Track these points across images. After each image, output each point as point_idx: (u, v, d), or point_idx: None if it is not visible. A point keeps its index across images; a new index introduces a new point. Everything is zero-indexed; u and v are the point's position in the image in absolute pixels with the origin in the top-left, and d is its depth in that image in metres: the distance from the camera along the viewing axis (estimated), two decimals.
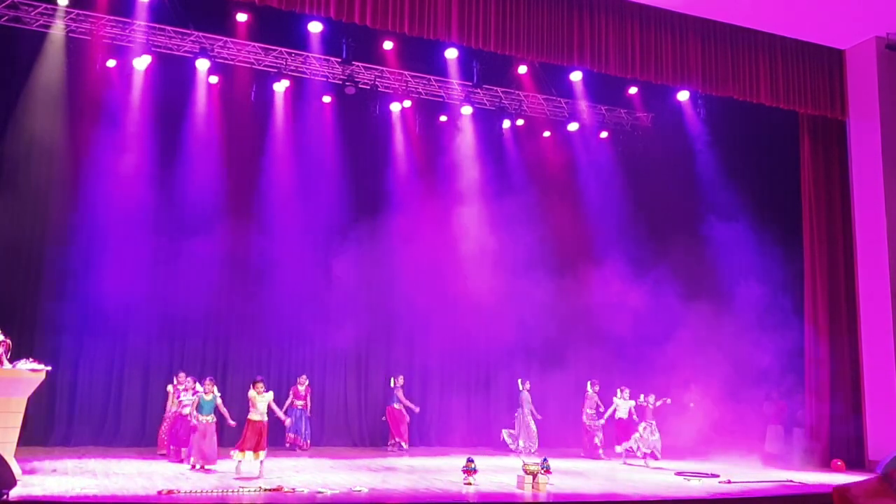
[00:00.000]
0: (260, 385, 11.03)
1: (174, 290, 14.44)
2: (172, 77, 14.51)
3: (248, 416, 10.85)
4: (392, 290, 15.74)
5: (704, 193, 17.39)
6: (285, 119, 15.58)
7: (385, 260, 15.68)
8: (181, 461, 11.50)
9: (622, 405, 14.29)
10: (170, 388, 13.00)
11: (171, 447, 12.08)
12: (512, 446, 15.08)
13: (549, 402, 15.98)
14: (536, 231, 16.59)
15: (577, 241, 16.92)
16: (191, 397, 11.72)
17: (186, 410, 11.73)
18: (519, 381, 15.51)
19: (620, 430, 14.21)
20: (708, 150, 16.68)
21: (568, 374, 16.11)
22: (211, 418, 11.24)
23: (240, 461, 10.55)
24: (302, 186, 15.65)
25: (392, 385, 14.98)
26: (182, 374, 12.88)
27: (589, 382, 15.15)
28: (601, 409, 14.81)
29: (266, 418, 10.87)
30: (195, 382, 11.95)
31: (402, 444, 14.65)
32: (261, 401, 10.86)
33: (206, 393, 11.33)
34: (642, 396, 14.13)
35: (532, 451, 14.74)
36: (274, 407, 11.17)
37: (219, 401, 11.42)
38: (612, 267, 16.50)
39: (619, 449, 14.13)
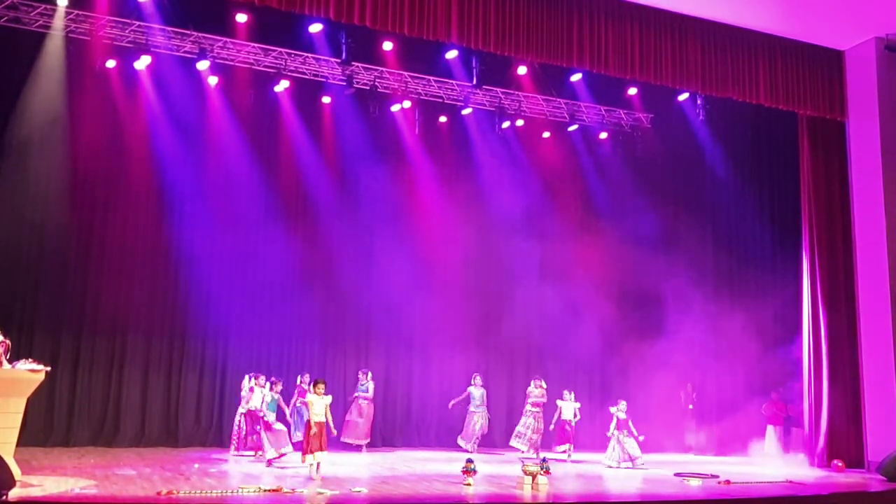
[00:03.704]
0: (321, 387, 10.83)
1: (174, 290, 14.47)
2: (172, 78, 14.51)
3: (308, 419, 10.83)
4: (392, 291, 15.74)
5: (704, 193, 17.44)
6: (285, 120, 15.58)
7: (383, 260, 15.71)
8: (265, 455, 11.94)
9: (566, 407, 14.28)
10: (252, 385, 12.83)
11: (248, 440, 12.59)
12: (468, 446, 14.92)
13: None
14: (536, 232, 16.61)
15: (576, 241, 16.91)
16: (266, 394, 12.46)
17: (257, 406, 12.37)
18: (473, 376, 15.37)
19: (562, 431, 14.17)
20: (707, 150, 16.71)
21: (568, 374, 16.12)
22: (272, 416, 12.31)
23: (311, 465, 10.49)
24: (302, 186, 15.67)
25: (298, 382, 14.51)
26: (262, 377, 12.90)
27: (532, 381, 14.88)
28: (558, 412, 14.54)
29: (324, 419, 10.67)
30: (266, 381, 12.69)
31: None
32: (319, 404, 10.71)
33: (274, 391, 12.40)
34: (614, 408, 13.76)
35: (472, 449, 14.67)
36: (328, 413, 10.78)
37: (281, 401, 12.69)
38: (611, 267, 16.52)
39: (558, 449, 14.09)
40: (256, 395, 12.42)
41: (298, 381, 14.25)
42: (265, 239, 15.13)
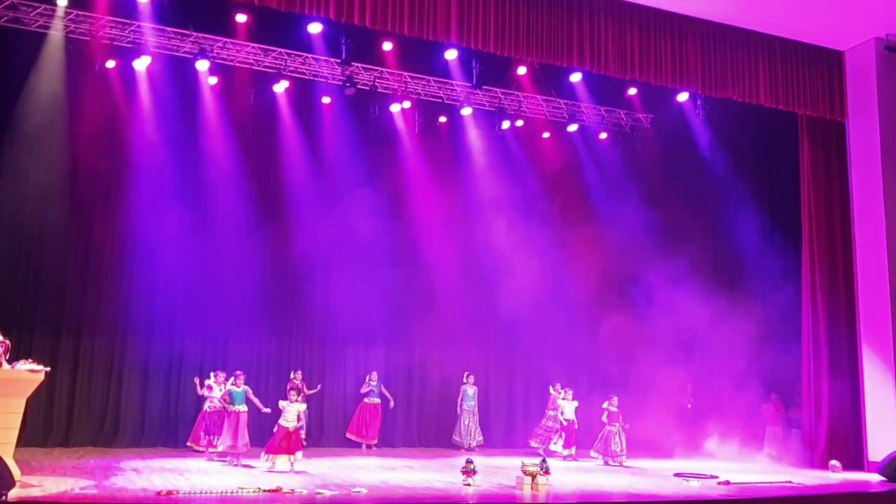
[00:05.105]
0: (293, 394, 11.61)
1: (173, 290, 14.45)
2: (172, 78, 14.51)
3: (279, 422, 11.30)
4: (391, 291, 15.73)
5: (704, 194, 17.42)
6: (285, 120, 15.57)
7: (383, 260, 15.70)
8: (220, 455, 11.89)
9: (567, 406, 14.30)
10: (212, 383, 13.08)
11: (208, 437, 12.51)
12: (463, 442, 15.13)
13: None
14: (536, 232, 16.59)
15: (576, 241, 16.90)
16: (224, 387, 12.33)
17: (214, 403, 12.36)
18: (465, 374, 15.55)
19: (567, 432, 14.31)
20: (707, 151, 16.70)
21: (568, 374, 16.10)
22: (243, 408, 11.87)
23: (272, 464, 11.01)
24: (301, 186, 15.65)
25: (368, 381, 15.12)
26: (220, 373, 13.09)
27: (551, 386, 15.06)
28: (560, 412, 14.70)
29: (296, 425, 11.28)
30: (227, 377, 12.63)
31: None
32: (291, 410, 11.30)
33: (236, 386, 12.00)
34: (606, 402, 14.16)
35: (472, 446, 14.91)
36: (303, 417, 11.67)
37: (250, 392, 12.11)
38: (611, 267, 16.50)
39: (565, 452, 14.18)
40: (215, 391, 12.54)
41: (291, 377, 14.43)
42: (265, 239, 15.11)
